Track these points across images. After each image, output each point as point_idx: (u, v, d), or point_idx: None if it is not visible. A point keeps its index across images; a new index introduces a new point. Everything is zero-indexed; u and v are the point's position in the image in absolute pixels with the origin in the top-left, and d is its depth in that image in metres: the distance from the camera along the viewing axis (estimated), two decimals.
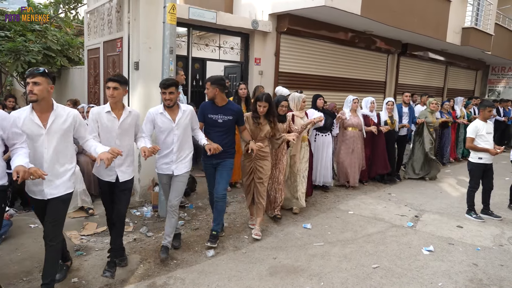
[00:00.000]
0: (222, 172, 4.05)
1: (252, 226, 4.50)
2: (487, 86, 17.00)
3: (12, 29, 8.16)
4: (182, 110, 3.65)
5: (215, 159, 3.96)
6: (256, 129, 4.27)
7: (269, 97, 4.23)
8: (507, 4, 14.39)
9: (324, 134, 6.03)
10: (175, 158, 3.66)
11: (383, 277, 3.52)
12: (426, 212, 5.45)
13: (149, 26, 5.18)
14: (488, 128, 5.17)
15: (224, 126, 3.98)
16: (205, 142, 3.78)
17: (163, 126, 3.61)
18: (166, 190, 3.81)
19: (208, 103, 4.06)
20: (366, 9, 7.60)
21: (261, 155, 4.32)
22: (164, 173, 3.73)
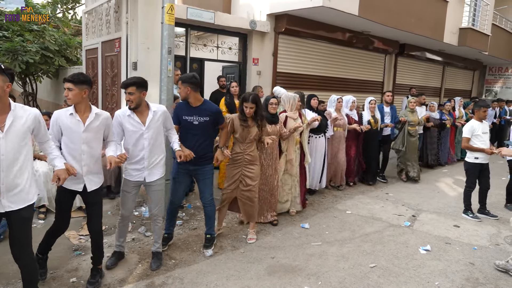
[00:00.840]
0: (204, 181, 3.87)
1: (250, 240, 4.22)
2: (484, 86, 17.05)
3: (10, 29, 8.15)
4: (153, 111, 3.36)
5: (192, 165, 3.71)
6: (244, 131, 4.05)
7: (256, 97, 4.03)
8: (504, 4, 14.45)
9: (317, 136, 5.83)
10: (146, 164, 3.38)
11: (380, 276, 3.54)
12: (423, 212, 5.48)
13: (148, 26, 5.19)
14: (484, 128, 5.20)
15: (200, 128, 3.71)
16: (176, 147, 3.54)
17: (131, 129, 3.32)
18: (127, 200, 3.48)
19: (183, 104, 3.80)
20: (364, 10, 7.62)
21: (249, 159, 4.13)
22: (133, 180, 3.43)
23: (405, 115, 7.15)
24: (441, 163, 8.79)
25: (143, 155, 3.36)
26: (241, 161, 4.11)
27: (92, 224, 3.22)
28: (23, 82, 9.40)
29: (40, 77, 9.35)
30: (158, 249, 3.63)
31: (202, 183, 3.90)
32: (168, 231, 4.03)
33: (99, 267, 3.30)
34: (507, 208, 5.71)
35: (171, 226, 4.05)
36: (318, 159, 5.87)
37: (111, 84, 5.95)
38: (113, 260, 3.57)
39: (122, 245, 3.66)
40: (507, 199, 5.80)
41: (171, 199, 3.94)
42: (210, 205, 3.94)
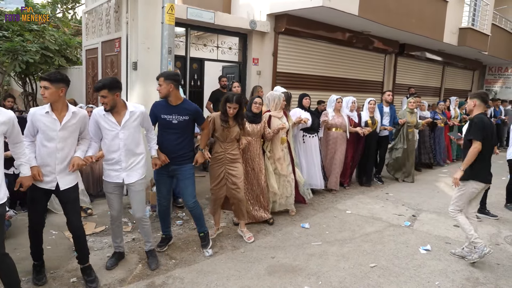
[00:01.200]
0: (184, 181, 3.75)
1: (249, 239, 4.21)
2: (484, 86, 17.06)
3: (10, 29, 8.15)
4: (130, 111, 3.26)
5: (171, 165, 3.66)
6: (224, 131, 3.98)
7: (240, 98, 3.98)
8: (504, 4, 14.46)
9: (311, 135, 5.72)
10: (124, 165, 3.30)
11: (380, 276, 3.54)
12: (423, 212, 5.48)
13: (148, 26, 5.20)
14: None
15: (179, 128, 3.63)
16: (153, 153, 3.53)
17: (107, 128, 3.24)
18: (112, 201, 3.42)
19: (161, 102, 3.69)
20: (364, 10, 7.63)
21: (231, 158, 4.08)
22: (111, 181, 3.35)
23: (403, 115, 7.08)
24: (439, 163, 8.72)
25: (119, 155, 3.27)
26: (223, 160, 4.05)
27: (70, 222, 3.15)
28: (23, 82, 9.40)
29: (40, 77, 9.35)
30: (151, 247, 3.60)
31: (182, 183, 3.78)
32: (165, 232, 3.98)
33: (86, 264, 3.26)
34: (507, 208, 5.71)
35: (166, 227, 3.98)
36: (315, 158, 5.78)
37: None
38: (113, 260, 3.56)
39: (120, 245, 3.64)
40: (507, 198, 5.80)
41: (158, 202, 3.89)
42: (194, 208, 3.82)
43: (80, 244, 3.24)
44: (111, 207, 3.46)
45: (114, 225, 3.54)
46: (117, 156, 3.28)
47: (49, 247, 3.87)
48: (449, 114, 8.91)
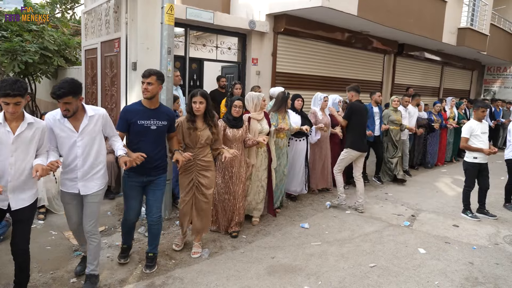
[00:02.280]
0: (155, 192, 3.43)
1: (176, 247, 3.91)
2: (482, 86, 17.09)
3: (8, 29, 8.13)
4: (89, 116, 2.94)
5: (146, 176, 3.33)
6: (193, 135, 3.59)
7: (205, 92, 3.61)
8: (503, 4, 14.48)
9: (299, 139, 5.49)
10: (80, 175, 2.99)
11: (380, 276, 3.55)
12: (422, 212, 5.49)
13: (147, 26, 5.19)
14: (483, 128, 5.22)
15: (157, 134, 3.32)
16: (121, 153, 3.07)
17: (62, 135, 2.91)
18: (69, 211, 3.12)
19: (135, 107, 3.32)
20: (363, 10, 7.64)
21: (203, 165, 3.71)
22: (68, 191, 3.04)
23: (388, 114, 7.07)
24: (426, 165, 8.51)
25: (76, 164, 2.96)
26: (193, 167, 3.70)
27: (14, 243, 2.82)
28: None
29: (39, 77, 9.32)
30: (93, 271, 3.15)
31: (152, 195, 3.42)
32: (128, 242, 3.62)
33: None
34: (506, 208, 5.73)
35: (131, 238, 3.65)
36: (298, 163, 5.51)
37: (111, 85, 5.95)
38: (82, 266, 3.29)
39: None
40: (506, 198, 5.82)
41: (126, 217, 3.45)
42: (157, 223, 3.47)
43: (20, 267, 2.91)
44: (69, 218, 3.15)
45: (75, 233, 3.27)
46: (73, 164, 2.97)
47: (49, 248, 3.88)
48: (445, 115, 8.76)
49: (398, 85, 11.66)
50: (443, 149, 8.95)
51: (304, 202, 5.67)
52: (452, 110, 9.10)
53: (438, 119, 8.36)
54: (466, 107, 9.88)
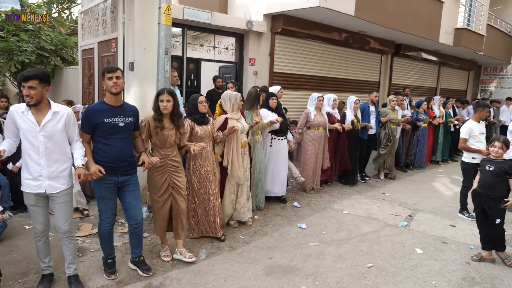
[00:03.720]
0: (134, 193, 3.33)
1: (166, 258, 3.72)
2: (479, 86, 17.17)
3: (5, 29, 8.10)
4: (53, 111, 2.89)
5: (120, 175, 3.21)
6: (160, 134, 3.49)
7: (172, 90, 3.53)
8: (499, 5, 14.54)
9: (280, 138, 5.44)
10: (45, 173, 2.89)
11: (377, 276, 3.56)
12: (419, 212, 5.50)
13: (144, 26, 5.18)
14: (481, 128, 5.22)
15: (126, 131, 3.22)
16: (78, 164, 2.93)
17: (24, 128, 2.84)
18: (35, 213, 2.99)
19: (98, 106, 3.22)
20: (360, 10, 7.65)
21: (175, 166, 3.62)
22: (31, 192, 2.92)
23: (385, 113, 7.10)
24: (414, 166, 8.41)
25: (39, 161, 2.87)
26: (165, 166, 3.57)
27: None
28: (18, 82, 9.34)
29: None
30: (76, 270, 3.19)
31: (131, 196, 3.32)
32: (111, 255, 3.43)
33: None
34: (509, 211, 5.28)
35: (112, 248, 3.45)
36: (282, 163, 5.46)
37: None
38: (44, 285, 3.11)
39: (49, 265, 3.19)
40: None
41: (104, 220, 3.29)
42: (139, 226, 3.41)
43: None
44: (35, 221, 3.01)
45: (40, 241, 3.08)
46: (37, 162, 2.88)
47: None
48: (431, 113, 8.63)
49: (395, 85, 11.69)
50: (430, 148, 8.86)
51: (301, 202, 5.67)
52: (440, 109, 8.98)
53: (427, 118, 8.31)
54: (455, 106, 9.89)
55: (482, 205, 3.90)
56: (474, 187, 4.03)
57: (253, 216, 4.99)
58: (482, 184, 3.92)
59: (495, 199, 3.77)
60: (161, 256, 3.74)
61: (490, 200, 3.81)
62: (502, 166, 3.78)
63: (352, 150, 6.63)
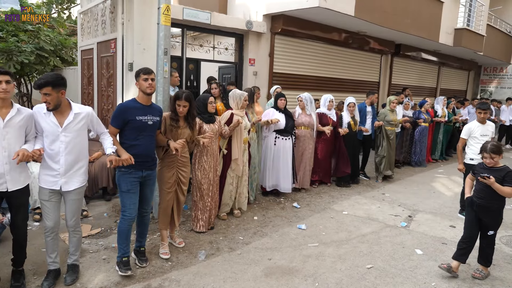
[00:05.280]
0: (151, 187, 3.59)
1: (165, 256, 3.76)
2: (479, 86, 17.17)
3: (4, 29, 8.09)
4: (74, 113, 3.03)
5: (144, 170, 3.41)
6: (173, 132, 3.71)
7: (190, 96, 3.71)
8: (499, 5, 14.54)
9: (284, 138, 5.60)
10: (63, 171, 3.04)
11: (377, 277, 3.55)
12: (419, 212, 5.49)
13: (143, 27, 5.18)
14: (484, 130, 5.03)
15: (153, 129, 3.45)
16: (109, 151, 3.10)
17: (47, 129, 2.99)
18: (48, 209, 3.10)
19: (131, 104, 3.40)
20: (360, 10, 7.65)
21: (183, 161, 3.84)
22: (47, 188, 3.06)
23: (384, 114, 7.01)
24: (411, 164, 8.49)
25: (58, 159, 3.02)
26: (174, 162, 3.77)
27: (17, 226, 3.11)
28: (17, 83, 9.33)
29: (35, 77, 9.28)
30: (76, 261, 3.34)
31: (149, 189, 3.58)
32: (127, 253, 3.46)
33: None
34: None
35: (129, 246, 3.51)
36: (283, 161, 5.60)
37: (107, 85, 5.92)
38: (50, 281, 3.17)
39: (55, 261, 3.27)
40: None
41: (127, 215, 3.37)
42: (149, 212, 3.71)
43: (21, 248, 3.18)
44: (47, 217, 3.13)
45: (49, 237, 3.18)
46: (56, 160, 3.02)
47: (44, 250, 3.83)
48: (432, 113, 8.69)
49: (395, 85, 11.69)
50: (429, 147, 8.96)
51: (301, 202, 5.66)
52: (443, 109, 9.08)
53: (428, 117, 8.37)
54: (454, 106, 9.93)
55: (479, 215, 3.56)
56: (468, 195, 3.70)
57: (252, 217, 5.01)
58: (480, 195, 3.55)
59: (495, 210, 3.52)
60: (160, 254, 3.78)
61: (490, 211, 3.52)
62: (498, 174, 3.44)
63: (351, 152, 6.56)
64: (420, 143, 8.48)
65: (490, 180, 3.36)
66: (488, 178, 3.36)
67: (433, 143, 9.13)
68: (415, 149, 8.50)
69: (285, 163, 5.63)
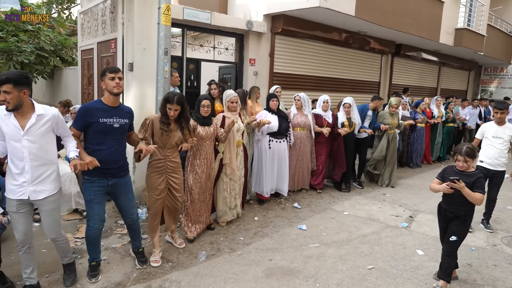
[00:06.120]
0: (127, 194, 3.35)
1: (155, 263, 3.61)
2: (479, 86, 17.15)
3: (4, 29, 8.08)
4: (37, 114, 2.77)
5: (110, 177, 3.17)
6: (163, 136, 3.55)
7: (182, 98, 3.54)
8: (499, 5, 14.52)
9: (279, 140, 5.40)
10: (29, 178, 2.79)
11: (378, 278, 3.53)
12: (420, 213, 5.48)
13: (144, 27, 5.16)
14: (499, 132, 4.71)
15: (120, 132, 3.20)
16: (72, 155, 2.87)
17: (8, 133, 2.73)
18: (16, 221, 2.87)
19: (96, 105, 3.15)
20: (360, 10, 7.63)
21: (173, 167, 3.67)
22: (14, 198, 2.81)
23: (383, 117, 6.76)
24: (414, 164, 8.48)
25: (23, 166, 2.77)
26: (163, 168, 3.63)
27: None
28: None
29: (35, 77, 9.27)
30: (70, 260, 3.28)
31: (125, 199, 3.34)
32: (96, 258, 3.36)
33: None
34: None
35: (99, 252, 3.39)
36: (277, 164, 5.43)
37: None
38: None
39: (31, 276, 3.02)
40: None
41: (91, 225, 3.20)
42: (137, 220, 3.52)
43: None
44: (16, 230, 2.89)
45: (21, 251, 2.94)
46: (20, 166, 2.77)
47: (45, 251, 3.84)
48: (429, 113, 8.61)
49: (396, 85, 11.67)
50: (427, 148, 8.85)
51: (302, 203, 5.65)
52: (439, 110, 8.91)
53: (424, 117, 8.29)
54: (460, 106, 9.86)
55: (447, 221, 3.36)
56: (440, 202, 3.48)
57: (253, 217, 4.99)
58: (447, 200, 3.34)
59: (461, 217, 3.27)
60: (150, 261, 3.62)
61: (456, 217, 3.28)
62: (469, 179, 3.17)
63: (347, 154, 6.28)
64: (417, 144, 8.42)
65: (459, 184, 3.09)
66: (458, 182, 3.09)
67: (431, 144, 9.05)
68: (412, 150, 8.44)
69: (281, 166, 5.50)
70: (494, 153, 4.71)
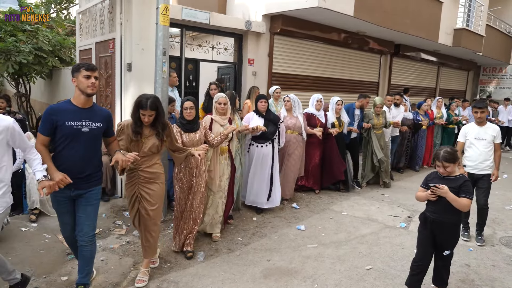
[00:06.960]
0: (86, 208, 2.89)
1: (138, 284, 3.25)
2: (478, 86, 17.17)
3: (2, 29, 8.06)
4: None
5: (74, 189, 2.81)
6: (134, 143, 3.16)
7: (156, 102, 3.13)
8: (498, 5, 14.54)
9: (261, 145, 4.95)
10: None
11: (376, 278, 3.53)
12: (418, 213, 5.44)
13: (142, 27, 5.16)
14: (481, 133, 4.38)
15: (90, 138, 2.82)
16: (39, 176, 2.56)
17: None
18: None
19: (63, 106, 2.80)
20: (359, 10, 7.63)
21: (146, 177, 3.23)
22: None
23: (369, 117, 6.58)
24: (412, 167, 8.37)
25: None
26: (135, 178, 3.24)
27: None
28: (16, 83, 9.29)
29: (33, 77, 9.24)
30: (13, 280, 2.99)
31: (82, 211, 2.88)
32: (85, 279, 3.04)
33: None
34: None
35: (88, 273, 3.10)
36: (261, 171, 4.99)
37: (105, 86, 5.90)
38: None
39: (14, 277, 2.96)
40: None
41: (63, 234, 3.07)
42: (89, 244, 2.93)
43: None
44: None
45: None
46: None
47: (42, 251, 3.83)
48: (432, 115, 8.48)
49: (394, 86, 11.68)
50: (429, 150, 8.65)
51: (300, 203, 5.65)
52: (439, 111, 8.77)
53: (426, 119, 8.13)
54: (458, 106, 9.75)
55: (434, 232, 3.11)
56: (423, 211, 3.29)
57: (251, 217, 4.99)
58: (432, 209, 3.13)
59: (450, 226, 3.05)
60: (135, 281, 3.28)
61: (444, 227, 3.06)
62: (454, 184, 2.98)
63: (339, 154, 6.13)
64: (421, 147, 8.31)
65: (442, 190, 2.92)
66: (439, 186, 2.92)
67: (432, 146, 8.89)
68: (413, 152, 8.34)
69: (263, 173, 5.00)
70: (478, 156, 4.36)
